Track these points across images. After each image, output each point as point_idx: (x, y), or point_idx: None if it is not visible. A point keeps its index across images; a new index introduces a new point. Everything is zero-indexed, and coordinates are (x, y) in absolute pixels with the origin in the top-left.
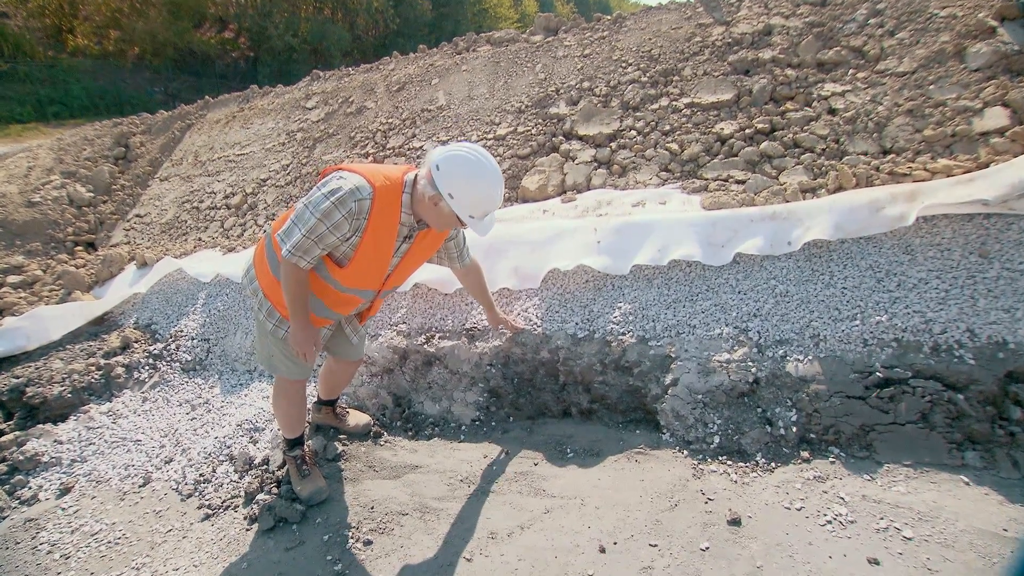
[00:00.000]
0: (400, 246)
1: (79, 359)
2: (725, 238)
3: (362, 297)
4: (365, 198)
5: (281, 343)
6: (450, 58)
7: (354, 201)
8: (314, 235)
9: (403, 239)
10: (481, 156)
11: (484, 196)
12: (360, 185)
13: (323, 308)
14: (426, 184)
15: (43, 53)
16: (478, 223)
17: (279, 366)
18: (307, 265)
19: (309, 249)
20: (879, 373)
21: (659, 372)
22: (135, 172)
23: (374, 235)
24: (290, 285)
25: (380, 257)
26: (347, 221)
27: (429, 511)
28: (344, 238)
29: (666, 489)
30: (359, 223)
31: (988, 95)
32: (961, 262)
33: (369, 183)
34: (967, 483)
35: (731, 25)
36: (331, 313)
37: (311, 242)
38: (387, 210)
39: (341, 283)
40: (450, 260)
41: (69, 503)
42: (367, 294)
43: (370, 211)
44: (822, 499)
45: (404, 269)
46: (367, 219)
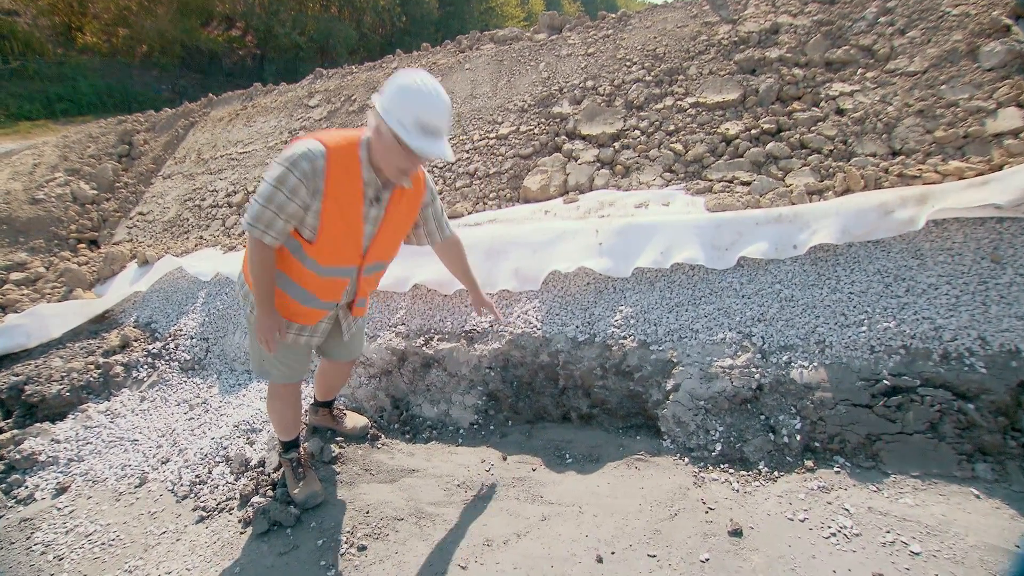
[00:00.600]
0: (370, 211)
1: (79, 357)
2: (729, 241)
3: (344, 276)
4: (318, 157)
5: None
6: (453, 56)
7: (307, 161)
8: (273, 204)
9: (371, 202)
10: (421, 74)
11: (420, 106)
12: (312, 147)
13: (311, 298)
14: (371, 115)
15: (52, 51)
16: (425, 142)
17: (270, 370)
18: (271, 240)
19: (270, 221)
20: (886, 381)
21: (660, 377)
22: (139, 170)
23: (335, 196)
24: (255, 265)
25: (348, 222)
26: (303, 184)
27: (425, 516)
28: (304, 205)
29: (666, 497)
30: (316, 184)
31: (1002, 95)
32: (973, 267)
33: (322, 143)
34: (977, 496)
35: (737, 23)
36: (321, 302)
37: (271, 212)
38: (344, 168)
39: (318, 262)
40: (428, 233)
41: (65, 503)
42: (348, 271)
43: (326, 171)
44: (826, 510)
45: (384, 239)
46: (324, 180)
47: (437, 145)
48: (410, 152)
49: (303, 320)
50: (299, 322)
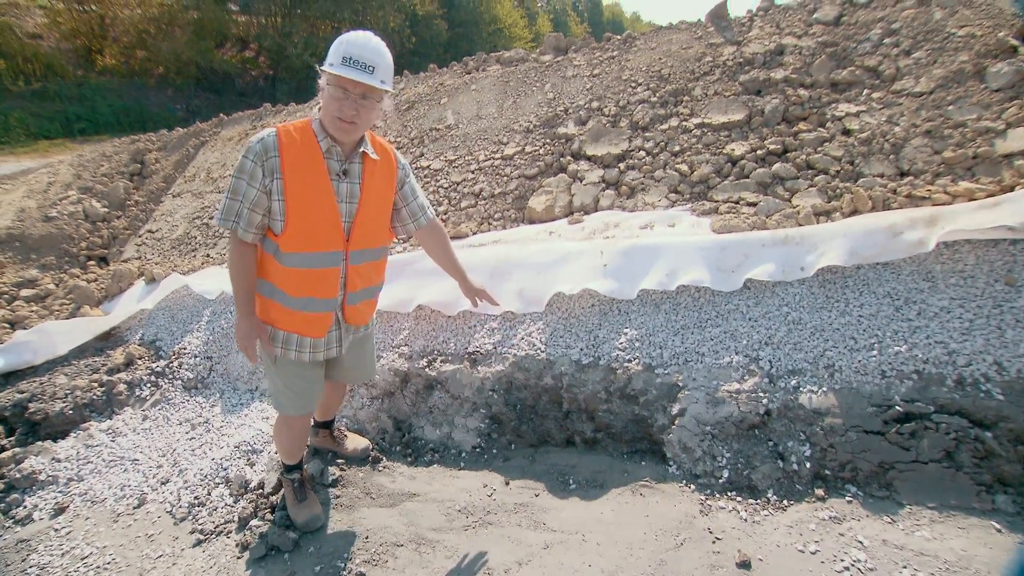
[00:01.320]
0: (340, 185)
1: (83, 375)
2: (736, 263)
3: (333, 264)
4: (267, 136)
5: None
6: (459, 77)
7: (257, 142)
8: (238, 194)
9: (339, 176)
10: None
11: (347, 43)
12: (264, 131)
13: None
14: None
15: (73, 72)
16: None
17: (285, 402)
18: (244, 232)
19: (238, 211)
20: (899, 407)
21: (666, 401)
22: (149, 188)
23: (294, 169)
24: (232, 262)
25: (317, 197)
26: (257, 164)
27: (425, 543)
28: (265, 188)
29: (672, 526)
30: (271, 163)
31: (1011, 116)
32: (986, 290)
33: (274, 128)
34: (999, 530)
35: (742, 45)
36: (323, 303)
37: (237, 202)
38: (299, 140)
39: (298, 250)
40: (411, 214)
41: (62, 524)
42: (334, 258)
43: (278, 146)
44: (839, 542)
45: (365, 219)
46: (278, 156)
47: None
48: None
49: (309, 330)
50: (309, 335)
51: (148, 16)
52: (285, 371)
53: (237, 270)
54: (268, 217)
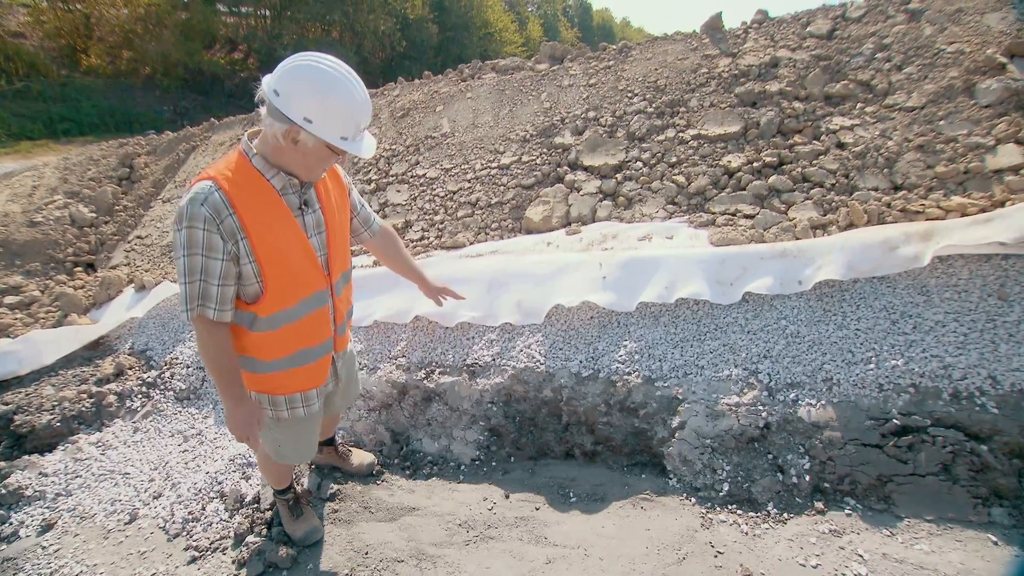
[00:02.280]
0: (306, 218)
1: (71, 386)
2: (734, 276)
3: (321, 304)
4: (209, 193)
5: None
6: (455, 85)
7: (200, 205)
8: (198, 273)
9: (300, 209)
10: (323, 59)
11: (348, 105)
12: (197, 189)
13: (306, 353)
14: (272, 122)
15: (57, 72)
16: (354, 144)
17: (288, 454)
18: (216, 315)
19: (206, 292)
20: (896, 420)
21: (666, 414)
22: (138, 193)
23: (259, 222)
24: (209, 350)
25: (293, 243)
26: (212, 232)
27: (425, 558)
28: (231, 256)
29: (673, 540)
30: (227, 224)
31: (1000, 132)
32: (980, 304)
33: (206, 179)
34: (995, 543)
35: (737, 57)
36: (321, 348)
37: (199, 282)
38: (247, 187)
39: (283, 309)
40: (362, 222)
41: (50, 541)
42: (321, 297)
43: (228, 201)
44: (839, 556)
45: (336, 243)
46: (232, 212)
47: (368, 137)
48: (342, 153)
49: (315, 383)
50: (313, 387)
51: (135, 16)
52: (290, 429)
53: (216, 355)
54: (237, 286)
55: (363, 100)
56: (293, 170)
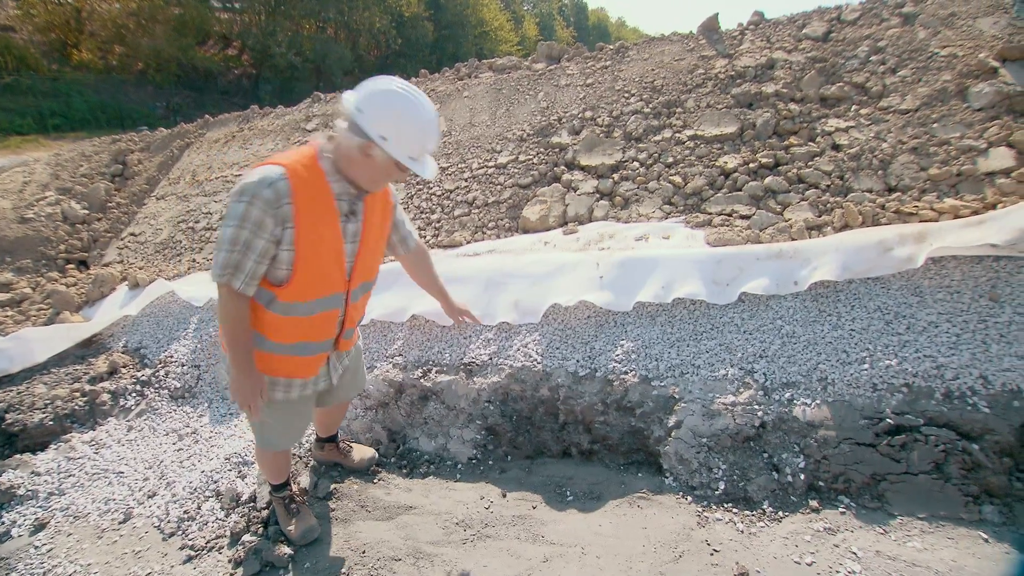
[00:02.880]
0: (347, 226)
1: (63, 384)
2: (730, 276)
3: (334, 306)
4: (277, 180)
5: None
6: (452, 84)
7: (267, 188)
8: (240, 245)
9: (347, 216)
10: (406, 86)
11: (420, 129)
12: (267, 172)
13: (306, 345)
14: (349, 135)
15: (47, 67)
16: (419, 164)
17: (272, 438)
18: (243, 286)
19: (240, 264)
20: (889, 420)
21: (662, 413)
22: (131, 190)
23: (309, 217)
24: (229, 318)
25: (328, 244)
26: (268, 214)
27: (423, 556)
28: (275, 239)
29: (670, 538)
30: (283, 211)
31: (992, 135)
32: (972, 305)
33: (278, 164)
34: (986, 540)
35: (734, 58)
36: (317, 345)
37: (239, 255)
38: (311, 184)
39: (301, 300)
40: (400, 240)
41: (43, 541)
42: (336, 300)
43: (291, 192)
44: (833, 553)
45: (366, 257)
46: (291, 202)
47: (431, 160)
48: (406, 171)
49: (305, 373)
50: (301, 376)
51: (127, 10)
52: (277, 412)
53: (235, 324)
54: (269, 266)
55: (433, 127)
56: (358, 180)
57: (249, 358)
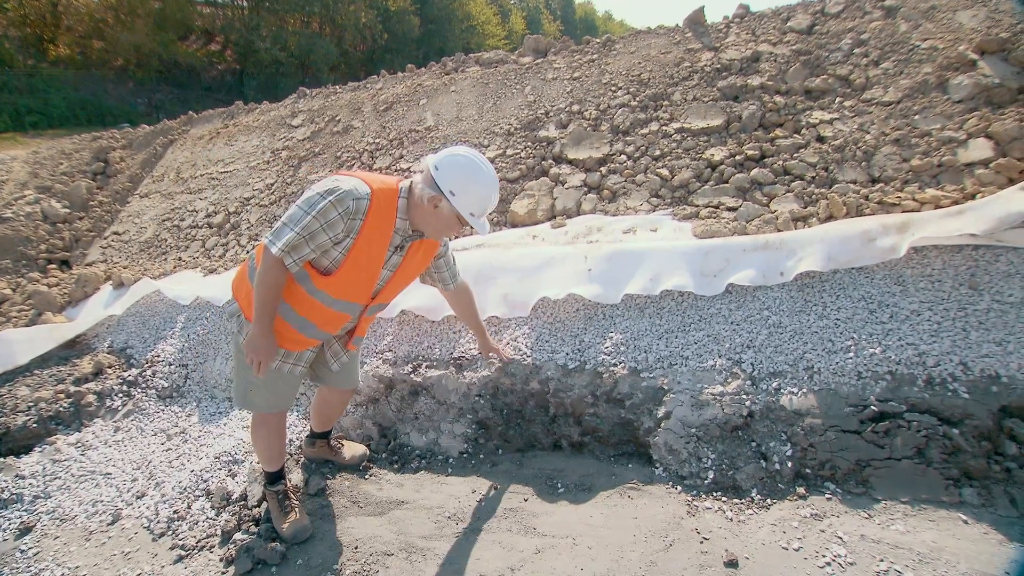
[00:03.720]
0: (391, 257)
1: (47, 386)
2: (718, 268)
3: (349, 312)
4: (363, 198)
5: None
6: (439, 78)
7: (352, 200)
8: (307, 232)
9: (395, 249)
10: (477, 156)
11: (483, 193)
12: (357, 186)
13: (312, 328)
14: (424, 187)
15: (23, 62)
16: (478, 221)
17: (256, 400)
18: (292, 264)
19: (299, 247)
20: (874, 407)
21: (651, 405)
22: (114, 188)
23: (368, 238)
24: (266, 285)
25: (371, 264)
26: (342, 220)
27: (415, 551)
28: (336, 239)
29: (660, 528)
30: (354, 224)
31: (971, 127)
32: (952, 294)
33: (367, 184)
34: (966, 521)
35: (720, 51)
36: (320, 332)
37: (302, 240)
38: (383, 213)
39: (329, 294)
40: (440, 280)
41: (29, 544)
42: (354, 308)
43: (367, 212)
44: (820, 538)
45: (394, 285)
46: (363, 220)
47: (486, 222)
48: (466, 224)
49: (290, 346)
50: (285, 348)
51: (105, 4)
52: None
53: (269, 289)
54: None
55: (495, 192)
56: (422, 227)
57: (271, 324)
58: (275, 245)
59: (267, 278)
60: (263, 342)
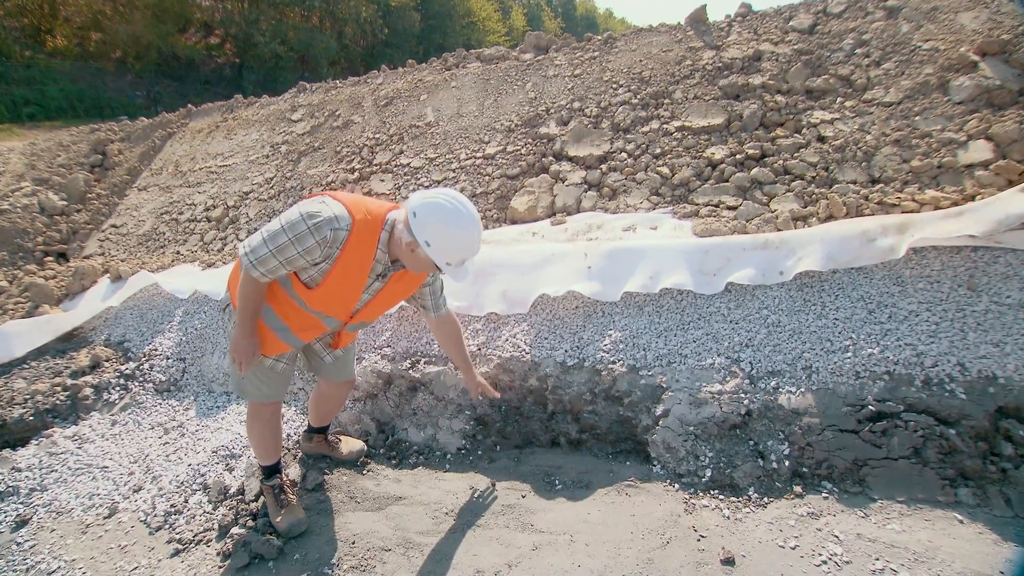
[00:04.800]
0: (372, 283)
1: (44, 378)
2: (717, 266)
3: (327, 324)
4: (342, 228)
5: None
6: (439, 74)
7: (330, 230)
8: (281, 255)
9: (376, 277)
10: (459, 203)
11: (461, 245)
12: (340, 215)
13: (287, 332)
14: (403, 230)
15: (20, 53)
16: (455, 270)
17: (250, 389)
18: (260, 277)
19: (271, 266)
20: (871, 407)
21: (650, 402)
22: (112, 181)
23: (344, 267)
24: (247, 293)
25: (348, 289)
26: (319, 248)
27: (413, 546)
28: (313, 262)
29: (658, 525)
30: (331, 252)
31: (972, 128)
32: (950, 294)
33: (350, 214)
34: (961, 521)
35: (721, 50)
36: (294, 339)
37: (276, 261)
38: (362, 245)
39: (307, 303)
40: (423, 306)
41: (25, 537)
42: (332, 322)
43: (345, 242)
44: (816, 537)
45: (375, 307)
46: (340, 249)
47: (467, 268)
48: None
49: (273, 351)
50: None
51: None
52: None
53: (248, 296)
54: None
55: (474, 242)
56: (403, 261)
57: (254, 325)
58: (248, 256)
59: (248, 288)
60: (244, 343)
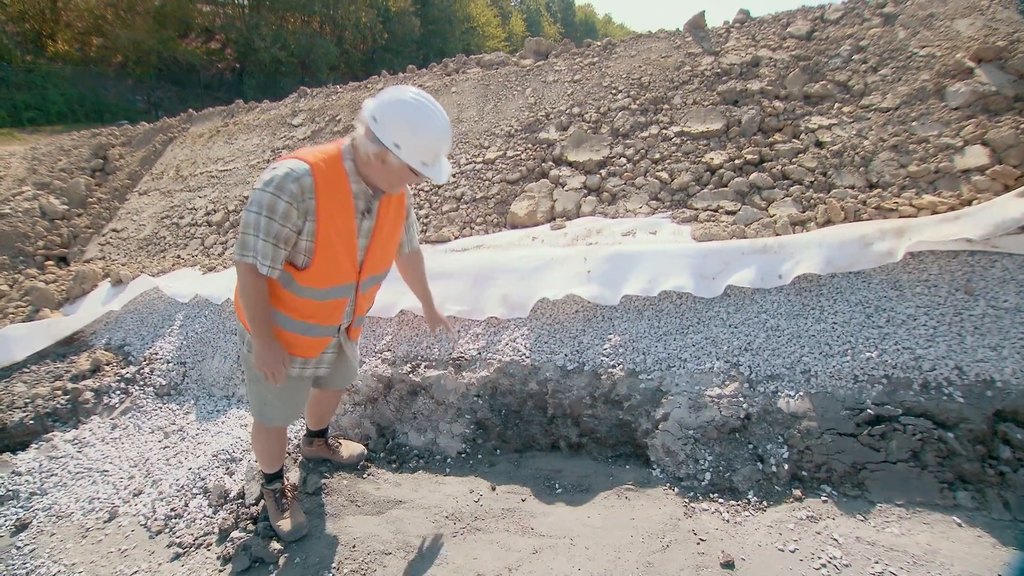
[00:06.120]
0: (362, 223)
1: (44, 382)
2: (716, 270)
3: (345, 295)
4: (303, 175)
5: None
6: (439, 79)
7: (293, 182)
8: (268, 235)
9: (363, 213)
10: (418, 95)
11: (432, 138)
12: (293, 166)
13: (312, 327)
14: (366, 142)
15: (21, 58)
16: (433, 169)
17: (270, 414)
18: (267, 269)
19: (264, 250)
20: (870, 410)
21: (649, 406)
22: (113, 185)
23: (328, 213)
24: (248, 294)
25: (344, 239)
26: (293, 206)
27: (413, 550)
28: (297, 228)
29: (657, 529)
30: (307, 205)
31: (968, 133)
32: (948, 299)
33: (303, 160)
34: (959, 524)
35: (720, 55)
36: (323, 329)
37: (264, 242)
38: (332, 182)
39: (315, 286)
40: (405, 241)
41: (25, 541)
42: (347, 290)
43: (314, 188)
44: (816, 540)
45: (378, 250)
46: (314, 197)
47: (445, 164)
48: (416, 174)
49: (305, 353)
50: (301, 355)
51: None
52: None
53: (255, 299)
54: (291, 251)
55: (445, 133)
56: (376, 183)
57: (270, 330)
58: (244, 257)
59: (247, 291)
60: (268, 351)
